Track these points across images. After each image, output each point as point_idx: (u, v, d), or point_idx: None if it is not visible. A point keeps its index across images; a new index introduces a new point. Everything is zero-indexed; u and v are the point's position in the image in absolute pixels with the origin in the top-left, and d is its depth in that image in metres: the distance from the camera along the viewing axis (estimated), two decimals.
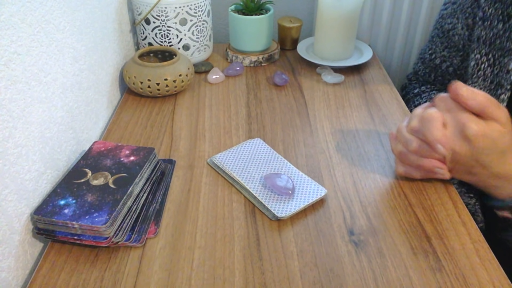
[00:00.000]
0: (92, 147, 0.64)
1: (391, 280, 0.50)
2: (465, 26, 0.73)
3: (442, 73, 0.82)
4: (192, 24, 0.90)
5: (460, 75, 0.79)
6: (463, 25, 0.74)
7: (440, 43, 0.81)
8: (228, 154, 0.68)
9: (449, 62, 0.80)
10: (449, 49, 0.79)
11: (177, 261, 0.53)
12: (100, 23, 0.78)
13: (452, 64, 0.79)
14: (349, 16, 0.90)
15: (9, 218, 0.50)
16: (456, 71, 0.79)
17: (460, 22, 0.74)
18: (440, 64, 0.82)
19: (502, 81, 0.64)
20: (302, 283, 0.50)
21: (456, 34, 0.76)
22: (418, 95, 0.85)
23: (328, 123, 0.77)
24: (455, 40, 0.76)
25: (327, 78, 0.90)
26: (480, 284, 0.50)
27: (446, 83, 0.83)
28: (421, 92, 0.85)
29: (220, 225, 0.57)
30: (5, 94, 0.49)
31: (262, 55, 0.97)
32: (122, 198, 0.55)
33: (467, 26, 0.73)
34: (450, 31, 0.77)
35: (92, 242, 0.52)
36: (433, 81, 0.85)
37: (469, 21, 0.72)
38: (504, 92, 0.63)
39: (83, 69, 0.70)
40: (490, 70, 0.66)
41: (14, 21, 0.51)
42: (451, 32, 0.77)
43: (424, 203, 0.60)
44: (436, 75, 0.84)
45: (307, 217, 0.59)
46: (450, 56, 0.79)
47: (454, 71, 0.79)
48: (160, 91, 0.82)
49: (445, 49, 0.80)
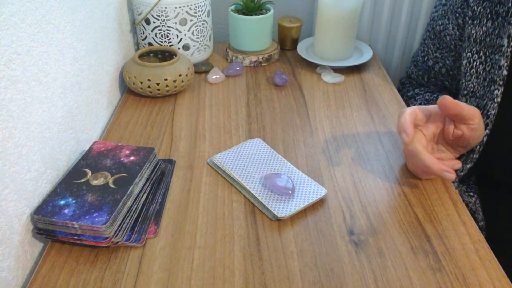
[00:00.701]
0: (92, 147, 0.64)
1: (391, 280, 0.50)
2: (456, 26, 0.74)
3: (435, 75, 0.83)
4: (192, 24, 0.90)
5: (453, 75, 0.80)
6: (453, 25, 0.75)
7: (432, 44, 0.82)
8: (228, 154, 0.68)
9: (441, 63, 0.81)
10: (441, 50, 0.80)
11: (177, 261, 0.53)
12: (100, 23, 0.78)
13: (445, 64, 0.80)
14: (349, 16, 0.90)
15: (9, 218, 0.50)
16: (449, 72, 0.80)
17: (451, 22, 0.75)
18: (433, 65, 0.83)
19: (494, 77, 0.65)
20: (302, 283, 0.50)
21: (447, 35, 0.77)
22: (412, 98, 0.85)
23: (328, 123, 0.77)
24: (447, 40, 0.77)
25: (327, 78, 0.90)
26: (480, 284, 0.50)
27: (439, 84, 0.84)
28: (415, 95, 0.85)
29: (220, 225, 0.57)
30: (5, 94, 0.49)
31: (262, 55, 0.97)
32: (122, 198, 0.55)
33: (458, 26, 0.74)
34: (441, 32, 0.78)
35: (92, 242, 0.52)
36: (427, 83, 0.86)
37: (460, 20, 0.73)
38: (498, 88, 0.64)
39: (83, 69, 0.70)
40: (482, 67, 0.68)
41: (14, 21, 0.51)
42: (442, 33, 0.78)
43: (424, 203, 0.60)
44: (429, 77, 0.84)
45: (307, 217, 0.59)
46: (442, 57, 0.80)
47: (447, 71, 0.80)
48: (160, 91, 0.82)
49: (437, 51, 0.81)
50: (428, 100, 0.81)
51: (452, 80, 0.81)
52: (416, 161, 0.60)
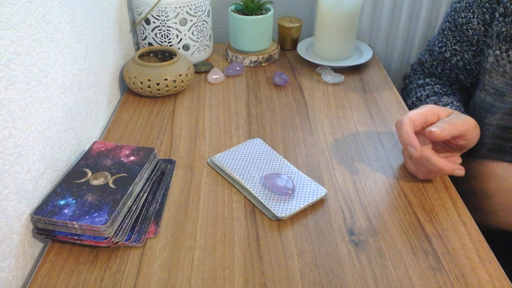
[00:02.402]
0: (92, 147, 0.64)
1: (391, 280, 0.50)
2: (481, 21, 0.72)
3: (451, 67, 0.81)
4: (192, 24, 0.90)
5: (469, 70, 0.79)
6: (479, 20, 0.73)
7: (452, 36, 0.80)
8: (228, 154, 0.68)
9: (459, 56, 0.79)
10: (461, 43, 0.78)
11: (177, 261, 0.53)
12: (100, 23, 0.78)
13: (463, 58, 0.78)
14: (349, 16, 0.90)
15: (9, 218, 0.50)
16: (466, 66, 0.78)
17: (476, 17, 0.73)
18: (450, 57, 0.81)
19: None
20: (302, 283, 0.50)
21: (470, 29, 0.75)
22: (422, 87, 0.83)
23: (328, 123, 0.77)
24: (469, 34, 0.76)
25: (327, 78, 0.90)
26: (480, 284, 0.50)
27: (453, 77, 0.82)
28: (424, 84, 0.83)
29: (220, 225, 0.57)
30: (5, 94, 0.49)
31: (262, 55, 0.97)
32: (122, 198, 0.55)
33: (483, 22, 0.72)
34: (463, 25, 0.76)
35: (92, 242, 0.52)
36: (440, 74, 0.84)
37: (486, 16, 0.72)
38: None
39: (83, 69, 0.70)
40: (510, 66, 0.66)
41: (14, 21, 0.51)
42: (464, 26, 0.76)
43: (424, 203, 0.60)
44: (444, 68, 0.82)
45: (307, 217, 0.59)
46: (461, 51, 0.78)
47: (464, 65, 0.79)
48: (160, 91, 0.82)
49: (457, 43, 0.79)
50: (436, 92, 0.80)
51: (468, 75, 0.80)
52: (429, 166, 0.61)
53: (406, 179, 0.65)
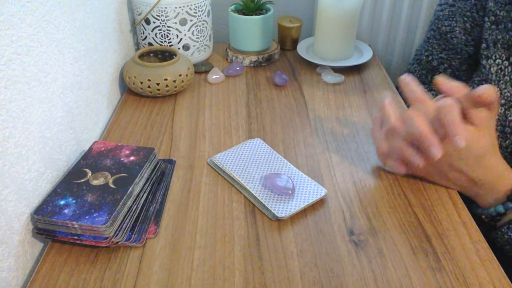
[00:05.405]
0: (92, 147, 0.64)
1: (391, 280, 0.50)
2: (463, 31, 0.72)
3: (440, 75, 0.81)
4: (192, 24, 0.90)
5: (458, 77, 0.79)
6: (460, 29, 0.73)
7: (437, 45, 0.80)
8: (228, 154, 0.68)
9: (447, 64, 0.79)
10: (447, 51, 0.78)
11: (177, 261, 0.53)
12: (100, 23, 0.78)
13: (451, 66, 0.78)
14: (349, 16, 0.90)
15: (9, 218, 0.50)
16: (455, 72, 0.79)
17: (458, 26, 0.73)
18: (437, 66, 0.81)
19: None
20: (302, 283, 0.50)
21: (454, 37, 0.75)
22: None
23: (328, 123, 0.77)
24: (454, 43, 0.75)
25: (327, 78, 0.90)
26: (480, 284, 0.50)
27: None
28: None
29: (220, 225, 0.57)
30: (5, 94, 0.49)
31: (262, 55, 0.97)
32: (122, 198, 0.55)
33: (465, 31, 0.72)
34: (447, 34, 0.76)
35: (92, 242, 0.52)
36: (430, 82, 0.85)
37: (467, 25, 0.71)
38: None
39: (83, 69, 0.70)
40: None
41: (14, 21, 0.51)
42: (449, 34, 0.76)
43: (424, 203, 0.60)
44: (434, 77, 0.83)
45: (307, 217, 0.59)
46: (448, 58, 0.78)
47: (453, 72, 0.79)
48: (160, 91, 0.82)
49: (443, 51, 0.79)
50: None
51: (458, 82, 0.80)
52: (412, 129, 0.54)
53: (406, 179, 0.65)
